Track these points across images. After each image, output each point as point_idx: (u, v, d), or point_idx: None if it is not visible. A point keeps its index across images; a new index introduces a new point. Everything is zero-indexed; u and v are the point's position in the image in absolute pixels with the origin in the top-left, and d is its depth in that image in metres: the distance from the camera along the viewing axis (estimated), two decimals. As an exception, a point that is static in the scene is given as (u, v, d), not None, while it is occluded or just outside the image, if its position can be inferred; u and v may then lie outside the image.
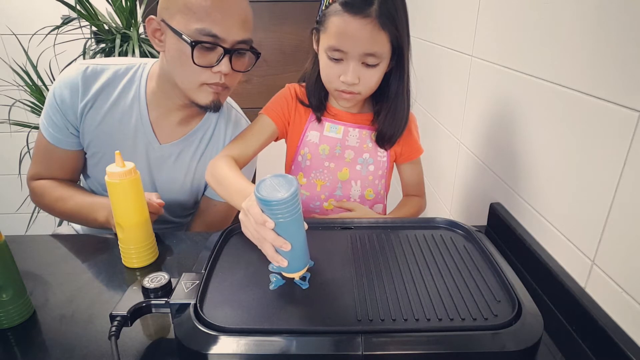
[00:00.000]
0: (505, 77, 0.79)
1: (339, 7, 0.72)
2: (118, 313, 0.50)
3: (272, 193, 0.51)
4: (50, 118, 0.86)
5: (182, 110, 0.88)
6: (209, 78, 0.79)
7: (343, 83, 0.77)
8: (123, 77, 0.87)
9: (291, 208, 0.51)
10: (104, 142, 0.88)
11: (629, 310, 0.50)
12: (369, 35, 0.72)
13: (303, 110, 0.89)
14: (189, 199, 0.98)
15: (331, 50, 0.75)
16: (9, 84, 1.68)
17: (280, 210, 0.51)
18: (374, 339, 0.46)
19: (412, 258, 0.62)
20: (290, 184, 0.52)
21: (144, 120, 0.88)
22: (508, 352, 0.45)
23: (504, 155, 0.81)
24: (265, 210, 0.52)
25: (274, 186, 0.52)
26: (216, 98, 0.83)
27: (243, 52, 0.82)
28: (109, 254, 0.75)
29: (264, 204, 0.52)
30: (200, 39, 0.75)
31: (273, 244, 0.53)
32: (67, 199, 0.88)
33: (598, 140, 0.55)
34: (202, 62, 0.77)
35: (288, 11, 1.87)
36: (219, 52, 0.77)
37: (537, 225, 0.69)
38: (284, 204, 0.50)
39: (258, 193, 0.51)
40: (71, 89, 0.84)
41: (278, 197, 0.50)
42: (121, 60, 0.90)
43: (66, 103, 0.84)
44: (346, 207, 0.90)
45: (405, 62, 0.79)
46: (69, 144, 0.88)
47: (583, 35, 0.57)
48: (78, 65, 0.86)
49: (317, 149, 0.88)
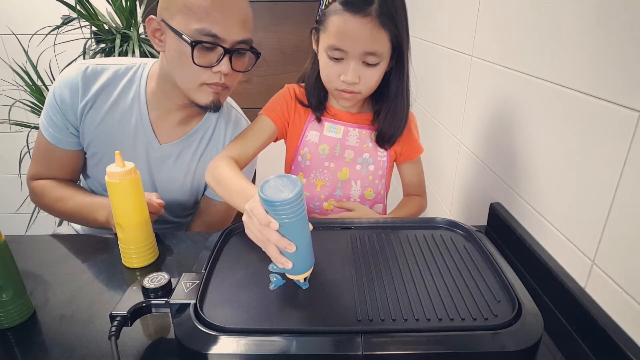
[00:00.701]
0: (505, 77, 0.79)
1: (339, 6, 0.72)
2: (118, 313, 0.50)
3: (276, 194, 0.51)
4: (50, 118, 0.86)
5: (182, 110, 0.88)
6: (209, 78, 0.79)
7: (343, 82, 0.77)
8: (123, 77, 0.87)
9: (296, 208, 0.51)
10: (103, 142, 0.88)
11: (629, 310, 0.50)
12: (369, 34, 0.72)
13: (302, 110, 0.89)
14: (188, 199, 0.98)
15: (331, 50, 0.75)
16: (9, 84, 1.68)
17: (284, 211, 0.51)
18: (374, 339, 0.46)
19: (412, 258, 0.62)
20: (294, 185, 0.52)
21: (144, 120, 0.88)
22: (508, 352, 0.45)
23: (504, 155, 0.81)
24: (269, 211, 0.52)
25: (277, 187, 0.52)
26: (216, 98, 0.83)
27: (243, 52, 0.82)
28: (109, 254, 0.75)
29: (268, 205, 0.51)
30: (200, 39, 0.75)
31: (278, 245, 0.53)
32: (67, 199, 0.88)
33: (598, 140, 0.55)
34: (202, 62, 0.77)
35: (288, 11, 1.87)
36: (219, 52, 0.77)
37: (537, 225, 0.69)
38: (288, 204, 0.50)
39: (262, 194, 0.51)
40: (71, 88, 0.84)
41: (282, 198, 0.50)
42: (121, 60, 0.90)
43: (66, 103, 0.84)
44: (346, 207, 0.90)
45: (405, 62, 0.79)
46: (69, 143, 0.88)
47: (583, 35, 0.57)
48: (78, 65, 0.86)
49: (317, 149, 0.88)
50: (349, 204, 0.90)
